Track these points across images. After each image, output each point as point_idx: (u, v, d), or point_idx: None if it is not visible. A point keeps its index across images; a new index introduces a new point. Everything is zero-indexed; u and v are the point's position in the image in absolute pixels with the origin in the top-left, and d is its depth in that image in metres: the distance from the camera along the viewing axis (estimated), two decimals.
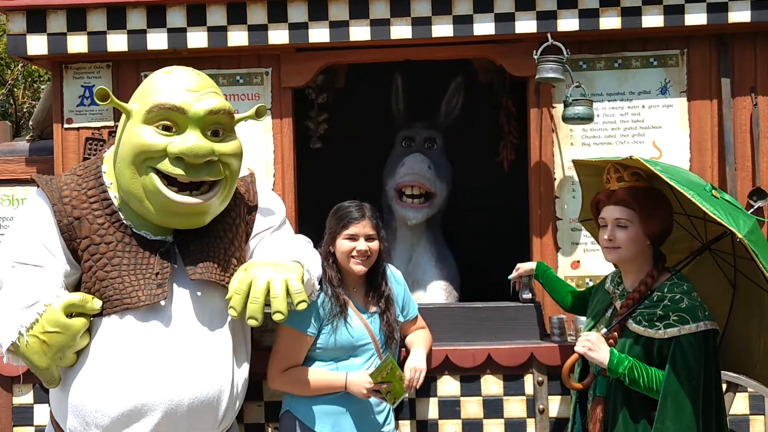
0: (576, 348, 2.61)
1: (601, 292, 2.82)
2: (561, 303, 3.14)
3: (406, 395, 2.92)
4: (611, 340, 2.59)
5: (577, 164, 3.11)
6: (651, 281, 2.56)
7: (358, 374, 2.81)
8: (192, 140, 2.51)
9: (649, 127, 3.42)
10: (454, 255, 4.22)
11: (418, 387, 2.94)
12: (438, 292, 3.97)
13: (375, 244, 2.91)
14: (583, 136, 3.43)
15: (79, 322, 2.44)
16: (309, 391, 2.83)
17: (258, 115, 2.76)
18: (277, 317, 2.47)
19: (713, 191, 2.48)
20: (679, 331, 2.43)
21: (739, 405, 3.23)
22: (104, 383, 2.50)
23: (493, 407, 3.28)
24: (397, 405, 2.92)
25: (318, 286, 2.82)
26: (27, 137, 3.83)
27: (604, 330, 2.60)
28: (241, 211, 2.84)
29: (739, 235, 2.30)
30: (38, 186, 2.69)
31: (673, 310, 2.45)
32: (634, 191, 2.56)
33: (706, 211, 2.35)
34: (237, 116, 2.70)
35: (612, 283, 2.76)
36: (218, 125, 2.60)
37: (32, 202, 2.68)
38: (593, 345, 2.54)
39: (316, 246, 2.98)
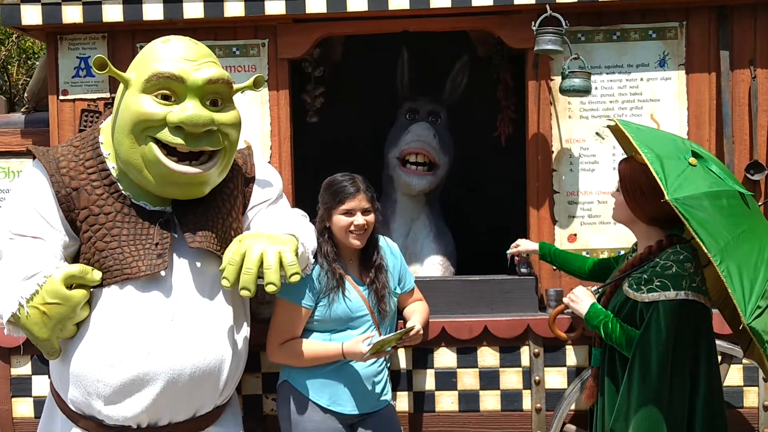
0: (564, 299, 2.77)
1: (621, 260, 2.88)
2: (579, 271, 3.09)
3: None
4: (604, 299, 2.68)
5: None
6: (656, 249, 2.58)
7: (352, 342, 2.81)
8: (192, 109, 2.50)
9: (647, 99, 3.41)
10: (451, 228, 4.22)
11: (412, 344, 2.99)
12: (435, 266, 3.97)
13: (371, 217, 2.92)
14: (581, 109, 3.42)
15: (80, 294, 2.44)
16: (307, 362, 2.85)
17: (256, 85, 2.75)
18: (269, 289, 2.47)
19: (692, 158, 2.45)
20: (659, 297, 2.47)
21: (733, 376, 3.26)
22: (105, 353, 2.51)
23: (489, 379, 3.30)
24: (400, 347, 3.02)
25: (312, 260, 2.82)
26: (22, 109, 3.80)
27: (595, 287, 2.73)
28: (239, 182, 2.83)
29: (666, 197, 2.29)
30: (35, 158, 2.67)
31: (658, 276, 2.49)
32: (624, 170, 2.61)
33: (651, 168, 2.35)
34: (235, 86, 2.68)
35: (631, 251, 2.83)
36: (217, 95, 2.59)
37: (29, 174, 2.67)
38: (576, 297, 2.70)
39: (311, 220, 2.98)
